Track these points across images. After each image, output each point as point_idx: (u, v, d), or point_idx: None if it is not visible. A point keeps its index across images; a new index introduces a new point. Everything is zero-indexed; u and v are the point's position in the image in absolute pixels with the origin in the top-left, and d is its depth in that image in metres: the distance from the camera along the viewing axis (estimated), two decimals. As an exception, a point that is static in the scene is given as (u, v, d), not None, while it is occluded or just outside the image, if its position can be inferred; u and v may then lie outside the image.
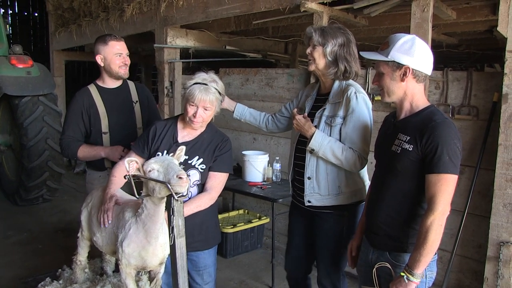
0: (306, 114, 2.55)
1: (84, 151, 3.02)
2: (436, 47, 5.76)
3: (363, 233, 2.25)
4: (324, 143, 2.40)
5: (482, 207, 3.38)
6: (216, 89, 2.40)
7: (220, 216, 4.80)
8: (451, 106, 3.46)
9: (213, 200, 2.48)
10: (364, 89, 3.93)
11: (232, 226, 4.48)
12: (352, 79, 2.56)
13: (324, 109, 2.52)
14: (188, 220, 2.37)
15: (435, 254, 1.97)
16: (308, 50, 2.53)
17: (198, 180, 2.46)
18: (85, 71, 12.30)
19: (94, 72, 11.77)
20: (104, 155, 2.98)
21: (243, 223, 4.58)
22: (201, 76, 2.39)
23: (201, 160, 2.46)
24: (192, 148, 2.46)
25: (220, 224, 4.50)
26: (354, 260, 2.35)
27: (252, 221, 4.66)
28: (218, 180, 2.49)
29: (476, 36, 5.39)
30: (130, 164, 2.02)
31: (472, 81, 3.38)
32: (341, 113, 2.45)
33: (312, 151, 2.46)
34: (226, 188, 4.31)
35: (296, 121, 2.49)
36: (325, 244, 2.64)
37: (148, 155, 2.44)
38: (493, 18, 4.09)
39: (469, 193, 3.37)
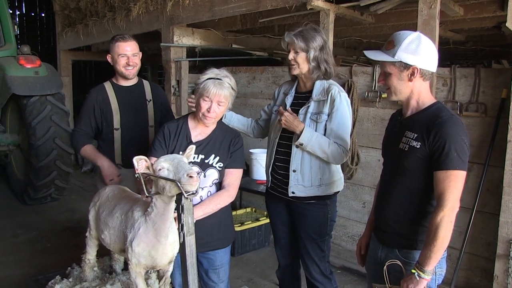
0: (289, 109, 2.64)
1: (87, 151, 3.09)
2: (443, 44, 5.74)
3: (372, 231, 2.25)
4: (313, 138, 2.53)
5: (491, 205, 3.37)
6: (230, 84, 2.39)
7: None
8: (459, 103, 3.45)
9: (232, 198, 2.48)
10: (372, 87, 3.98)
11: (240, 224, 4.48)
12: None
13: (309, 106, 2.63)
14: (207, 219, 2.39)
15: (444, 251, 1.97)
16: (291, 56, 2.60)
17: (217, 179, 2.46)
18: (91, 70, 12.35)
19: (101, 71, 11.87)
20: (99, 164, 3.04)
21: (250, 221, 4.59)
22: (214, 71, 2.39)
23: (218, 158, 2.45)
24: (207, 146, 2.46)
25: (228, 222, 4.52)
26: (363, 258, 2.35)
27: (260, 219, 4.66)
28: (235, 177, 2.50)
29: (483, 32, 5.36)
30: (139, 162, 2.02)
31: (480, 78, 3.37)
32: (326, 110, 2.59)
33: (300, 146, 2.56)
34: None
35: (285, 117, 2.56)
36: (310, 234, 2.74)
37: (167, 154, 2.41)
38: (501, 14, 4.06)
39: (478, 191, 3.36)
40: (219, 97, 2.35)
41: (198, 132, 2.50)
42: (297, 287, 3.10)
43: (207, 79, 2.36)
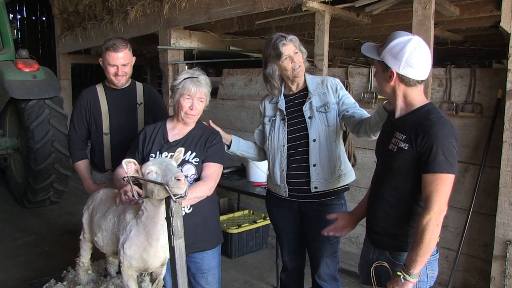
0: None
1: (80, 168, 3.14)
2: (441, 44, 5.72)
3: (360, 214, 2.29)
4: None
5: (488, 205, 3.35)
6: (206, 82, 2.46)
7: (225, 217, 4.80)
8: (454, 103, 3.44)
9: (209, 189, 2.44)
10: (368, 88, 3.98)
11: (237, 227, 4.47)
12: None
13: (311, 101, 2.64)
14: (191, 218, 2.40)
15: (437, 253, 1.96)
16: (298, 58, 2.59)
17: (195, 174, 2.46)
18: (92, 73, 12.38)
19: (102, 74, 11.84)
20: (85, 188, 3.09)
21: (248, 224, 4.58)
22: (189, 72, 2.46)
23: (194, 154, 2.46)
24: (184, 144, 2.47)
25: (225, 225, 4.51)
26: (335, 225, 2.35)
27: (257, 221, 4.64)
28: (212, 170, 2.47)
29: (481, 32, 5.33)
30: (128, 165, 2.03)
31: (476, 78, 3.36)
32: (332, 99, 2.64)
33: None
34: (231, 189, 4.34)
35: None
36: (327, 236, 2.66)
37: (141, 159, 2.44)
38: (498, 14, 4.04)
39: (474, 191, 3.34)
40: (200, 94, 2.41)
41: (176, 132, 2.53)
42: (301, 286, 3.09)
43: (184, 79, 2.41)
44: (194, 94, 2.39)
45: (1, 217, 5.73)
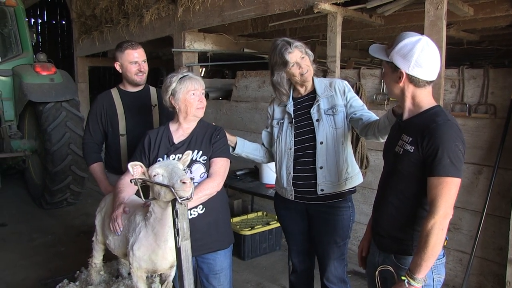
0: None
1: (95, 170, 3.17)
2: (457, 44, 5.65)
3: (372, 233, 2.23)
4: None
5: (502, 208, 3.30)
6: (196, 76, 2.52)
7: (238, 219, 4.82)
8: (467, 104, 3.39)
9: (217, 185, 2.44)
10: (380, 89, 3.95)
11: (250, 228, 4.48)
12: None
13: (319, 104, 2.64)
14: (202, 219, 2.43)
15: (443, 256, 1.93)
16: (305, 63, 2.60)
17: (204, 172, 2.47)
18: (110, 75, 12.54)
19: (118, 77, 11.97)
20: (102, 190, 3.12)
21: (261, 225, 4.58)
22: (178, 73, 2.51)
23: (201, 152, 2.48)
24: (190, 144, 2.49)
25: (238, 226, 4.52)
26: (364, 260, 2.33)
27: (270, 223, 4.65)
28: (219, 165, 2.48)
29: (498, 32, 5.26)
30: (134, 168, 2.05)
31: (489, 79, 3.31)
32: (340, 102, 2.64)
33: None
34: (244, 191, 4.35)
35: None
36: (333, 238, 2.71)
37: (148, 163, 2.44)
38: (514, 13, 4.00)
39: (488, 194, 3.29)
40: (201, 87, 2.49)
41: (180, 133, 2.54)
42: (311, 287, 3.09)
43: (180, 78, 2.46)
44: (198, 87, 2.45)
45: (20, 218, 5.85)
